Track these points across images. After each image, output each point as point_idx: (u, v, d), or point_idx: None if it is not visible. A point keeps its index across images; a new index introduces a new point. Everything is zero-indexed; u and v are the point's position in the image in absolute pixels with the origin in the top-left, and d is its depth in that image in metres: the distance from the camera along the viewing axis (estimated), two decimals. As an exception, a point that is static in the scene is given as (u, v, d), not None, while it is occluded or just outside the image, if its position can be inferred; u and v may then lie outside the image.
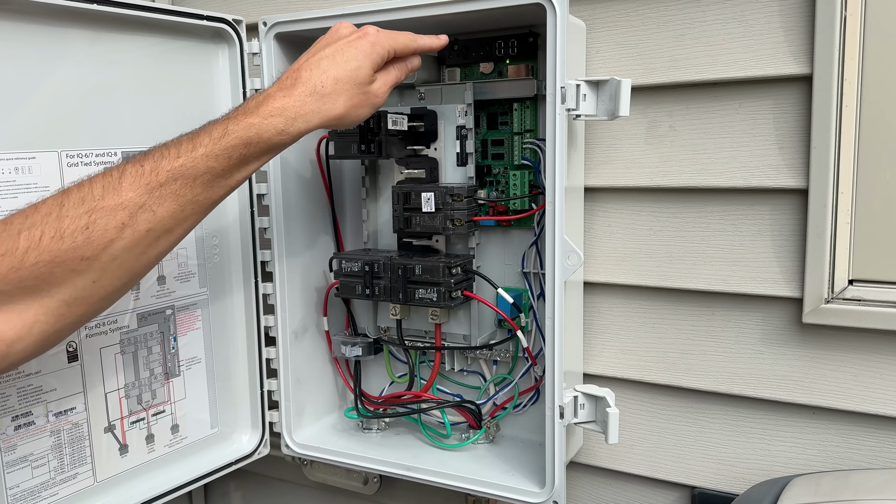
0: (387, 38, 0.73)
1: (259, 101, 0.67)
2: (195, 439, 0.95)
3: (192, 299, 0.93)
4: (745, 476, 0.88)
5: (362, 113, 0.72)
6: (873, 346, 0.80)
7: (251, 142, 0.65)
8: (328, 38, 0.73)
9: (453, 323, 0.96)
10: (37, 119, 0.77)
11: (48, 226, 0.59)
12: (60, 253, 0.59)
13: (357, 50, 0.71)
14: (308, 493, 1.24)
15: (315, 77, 0.68)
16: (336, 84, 0.69)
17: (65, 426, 0.81)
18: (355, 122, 0.72)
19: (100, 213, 0.60)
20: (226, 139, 0.64)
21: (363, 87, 0.71)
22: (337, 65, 0.69)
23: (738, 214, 0.84)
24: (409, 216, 0.90)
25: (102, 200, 0.60)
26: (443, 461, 0.92)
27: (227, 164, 0.65)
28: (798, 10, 0.78)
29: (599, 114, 0.77)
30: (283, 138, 0.67)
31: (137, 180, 0.62)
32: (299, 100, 0.67)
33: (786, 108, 0.80)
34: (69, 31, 0.79)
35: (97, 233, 0.60)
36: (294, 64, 0.71)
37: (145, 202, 0.62)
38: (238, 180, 0.67)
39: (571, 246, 0.75)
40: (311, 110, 0.67)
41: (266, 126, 0.66)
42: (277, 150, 0.69)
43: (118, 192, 0.61)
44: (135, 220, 0.61)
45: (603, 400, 0.79)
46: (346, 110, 0.70)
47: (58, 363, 0.80)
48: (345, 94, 0.69)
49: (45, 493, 0.80)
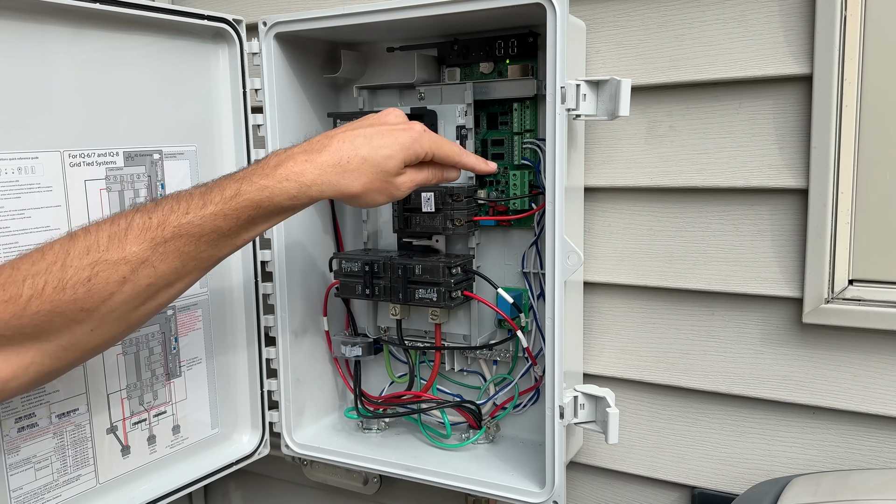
0: (430, 140, 0.72)
1: (280, 160, 0.66)
2: (196, 440, 0.95)
3: (192, 299, 0.93)
4: (745, 476, 0.88)
5: (378, 199, 0.71)
6: (873, 346, 0.80)
7: (262, 205, 0.65)
8: (374, 118, 0.73)
9: (453, 323, 0.96)
10: (39, 119, 0.77)
11: (52, 275, 0.59)
12: (62, 304, 0.60)
13: (395, 139, 0.70)
14: (308, 493, 1.24)
15: (345, 150, 0.67)
16: (362, 164, 0.67)
17: (67, 428, 0.81)
18: (369, 205, 0.71)
19: (103, 266, 0.60)
20: (237, 199, 0.64)
21: (388, 176, 0.69)
22: (371, 146, 0.68)
23: (738, 214, 0.84)
24: (408, 216, 0.90)
25: (107, 252, 0.61)
26: (443, 461, 0.92)
27: (235, 225, 0.64)
28: (798, 10, 0.78)
29: (599, 114, 0.77)
30: (294, 203, 0.66)
31: (144, 234, 0.62)
32: (320, 168, 0.66)
33: (786, 108, 0.80)
34: (71, 30, 0.79)
35: (98, 286, 0.60)
36: (330, 131, 0.70)
37: (148, 257, 0.62)
38: (245, 240, 0.67)
39: (571, 246, 0.75)
40: (328, 181, 0.66)
41: (279, 190, 0.65)
42: (288, 213, 0.68)
43: (123, 244, 0.61)
44: (136, 275, 0.61)
45: (603, 400, 0.79)
46: (362, 191, 0.68)
47: None
48: (367, 176, 0.68)
49: (49, 496, 0.80)
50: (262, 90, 0.92)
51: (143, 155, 0.86)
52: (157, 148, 0.88)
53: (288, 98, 0.94)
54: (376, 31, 0.92)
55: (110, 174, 0.83)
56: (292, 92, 0.94)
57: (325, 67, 0.99)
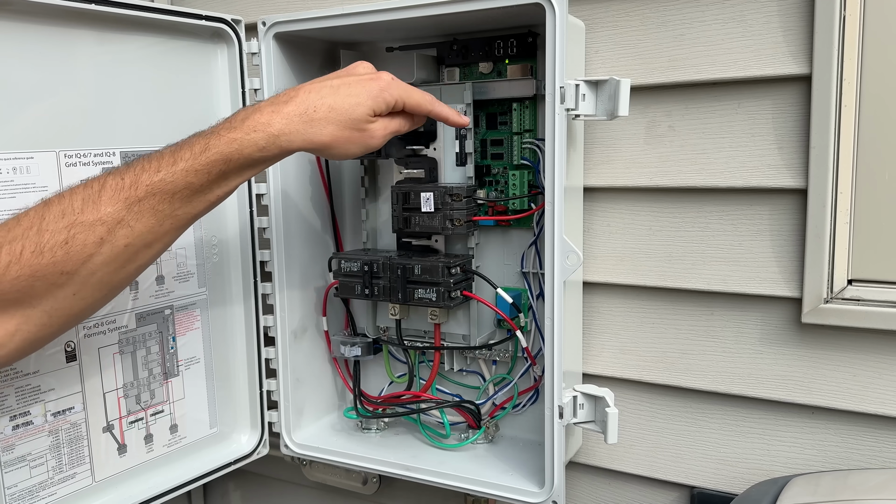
0: (399, 88, 0.72)
1: (247, 113, 0.66)
2: (194, 439, 0.95)
3: (191, 299, 0.93)
4: (745, 476, 0.88)
5: (351, 149, 0.70)
6: (872, 346, 0.80)
7: (231, 158, 0.64)
8: (342, 71, 0.72)
9: (452, 323, 0.96)
10: (35, 119, 0.76)
11: (28, 240, 0.60)
12: (41, 267, 0.60)
13: (363, 88, 0.69)
14: (307, 493, 1.24)
15: (311, 100, 0.67)
16: (329, 112, 0.67)
17: (63, 426, 0.81)
18: (343, 156, 0.70)
19: (79, 228, 0.60)
20: (206, 154, 0.64)
21: (358, 123, 0.68)
22: (338, 95, 0.68)
23: (737, 214, 0.84)
24: (408, 216, 0.90)
25: (82, 214, 0.61)
26: (442, 461, 0.92)
27: (207, 180, 0.64)
28: (797, 10, 0.78)
29: (599, 114, 0.77)
30: (263, 154, 0.65)
31: (117, 194, 0.62)
32: (286, 118, 0.66)
33: (785, 108, 0.80)
34: (68, 30, 0.78)
35: (76, 248, 0.60)
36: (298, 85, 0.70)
37: (123, 217, 0.62)
38: (219, 195, 0.67)
39: (571, 246, 0.75)
40: (295, 130, 0.66)
41: (247, 142, 0.64)
42: (259, 167, 0.67)
43: (97, 206, 0.61)
44: (113, 235, 0.62)
45: (602, 400, 0.79)
46: (331, 140, 0.68)
47: (56, 363, 0.80)
48: (335, 125, 0.67)
49: (44, 493, 0.80)
50: (261, 90, 0.92)
51: (141, 155, 0.86)
52: (155, 148, 0.87)
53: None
54: (375, 31, 0.92)
55: None
56: (291, 92, 0.94)
57: (324, 67, 0.98)
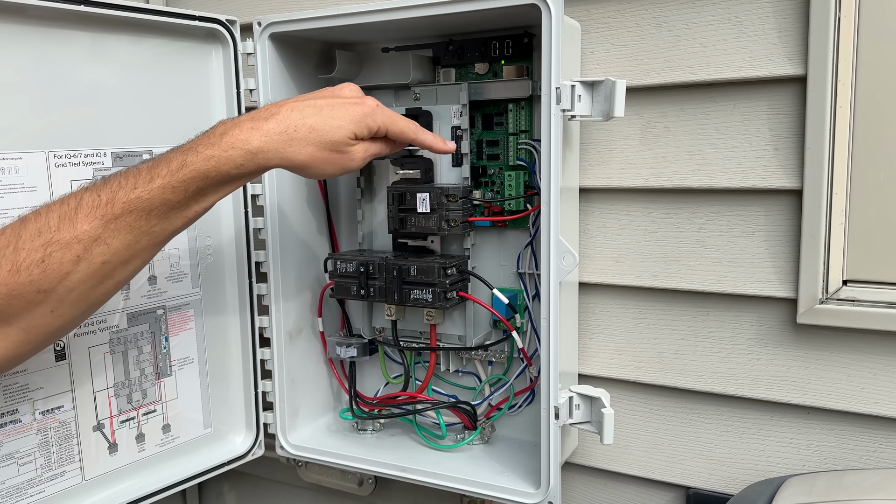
0: (384, 115, 0.71)
1: (226, 128, 0.66)
2: (187, 439, 0.95)
3: (184, 299, 0.93)
4: (740, 476, 0.88)
5: (329, 170, 0.70)
6: (867, 347, 0.80)
7: (208, 175, 0.64)
8: (328, 91, 0.72)
9: (448, 324, 0.96)
10: (25, 119, 0.76)
11: (5, 259, 0.59)
12: (17, 286, 0.59)
13: (347, 111, 0.69)
14: (303, 495, 1.24)
15: (293, 119, 0.67)
16: (310, 132, 0.67)
17: (52, 424, 0.81)
18: (319, 176, 0.70)
19: (55, 247, 0.60)
20: (183, 171, 0.63)
21: (338, 146, 0.68)
22: (320, 116, 0.68)
23: (732, 215, 0.84)
24: (404, 217, 0.90)
25: (58, 233, 0.60)
26: (438, 462, 0.92)
27: (184, 196, 0.64)
28: (792, 11, 0.78)
29: (594, 114, 0.77)
30: (240, 172, 0.65)
31: (93, 212, 0.61)
32: (266, 135, 0.65)
33: (780, 109, 0.80)
34: (60, 31, 0.78)
35: (53, 266, 0.60)
36: (280, 100, 0.70)
37: (100, 235, 0.61)
38: (196, 212, 0.66)
39: (567, 246, 0.75)
40: (274, 149, 0.66)
41: (224, 160, 0.64)
42: (237, 183, 0.67)
43: (74, 223, 0.61)
44: (90, 253, 0.61)
45: (598, 400, 0.79)
46: (309, 160, 0.67)
47: (44, 362, 0.80)
48: (314, 146, 0.67)
49: (32, 491, 0.80)
50: (256, 90, 0.92)
51: (133, 156, 0.86)
52: (147, 148, 0.87)
53: (283, 98, 0.93)
54: (371, 32, 0.91)
55: (97, 174, 0.82)
56: (287, 92, 0.94)
57: (320, 68, 0.98)
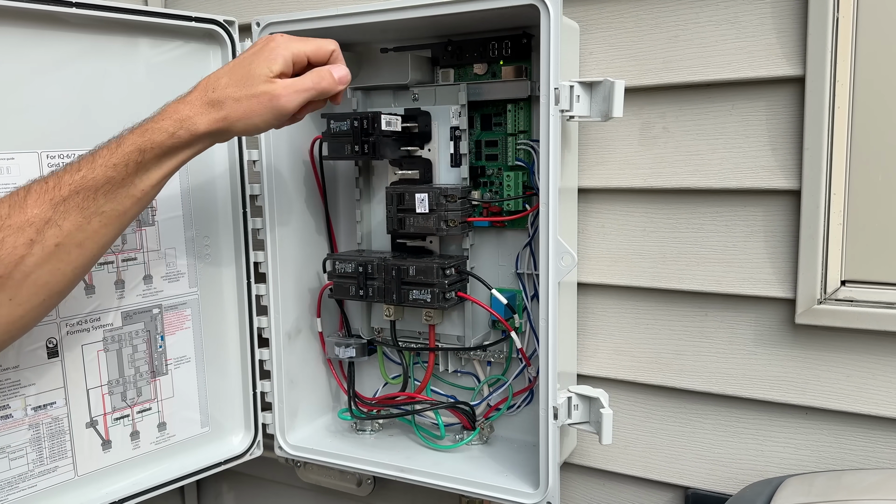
0: (293, 40, 0.72)
1: (160, 108, 0.69)
2: (183, 438, 0.95)
3: (181, 299, 0.93)
4: (739, 476, 0.88)
5: (262, 118, 0.69)
6: (866, 347, 0.80)
7: (144, 148, 0.66)
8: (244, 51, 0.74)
9: (447, 324, 0.96)
10: (19, 120, 0.76)
11: None
12: None
13: (256, 55, 0.71)
14: (301, 495, 1.24)
15: (209, 81, 0.70)
16: (227, 87, 0.69)
17: (44, 420, 0.81)
18: (255, 128, 0.70)
19: (7, 231, 0.62)
20: (121, 147, 0.66)
21: (255, 87, 0.69)
22: (232, 71, 0.70)
23: (730, 215, 0.84)
24: (402, 217, 0.90)
25: (9, 219, 0.62)
26: (436, 462, 0.92)
27: (126, 173, 0.66)
28: (791, 12, 0.78)
29: (593, 115, 0.77)
30: (174, 142, 0.67)
31: (42, 196, 0.63)
32: (189, 103, 0.68)
33: (778, 109, 0.80)
34: (56, 33, 0.78)
35: (6, 251, 0.62)
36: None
37: (51, 217, 0.63)
38: (143, 190, 0.68)
39: (565, 247, 0.75)
40: (197, 113, 0.68)
41: (157, 130, 0.67)
42: (178, 155, 0.69)
43: (24, 209, 0.63)
44: (42, 235, 0.63)
45: (597, 401, 0.79)
46: (234, 113, 0.69)
47: (36, 359, 0.80)
48: (233, 99, 0.68)
49: (23, 485, 0.80)
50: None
51: None
52: None
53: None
54: (370, 32, 0.91)
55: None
56: (286, 92, 0.94)
57: (318, 68, 0.98)
